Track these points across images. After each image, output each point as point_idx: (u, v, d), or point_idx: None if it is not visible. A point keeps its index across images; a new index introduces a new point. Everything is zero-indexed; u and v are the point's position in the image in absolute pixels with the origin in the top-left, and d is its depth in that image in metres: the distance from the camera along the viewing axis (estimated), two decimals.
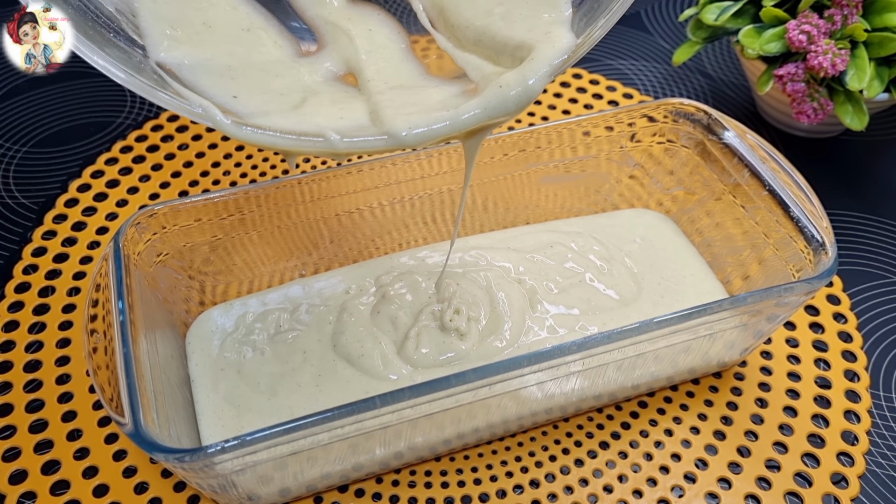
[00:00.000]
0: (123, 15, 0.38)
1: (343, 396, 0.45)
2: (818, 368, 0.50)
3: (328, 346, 0.48)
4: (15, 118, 0.66)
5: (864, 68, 0.53)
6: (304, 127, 0.38)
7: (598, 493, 0.45)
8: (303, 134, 0.37)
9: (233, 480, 0.38)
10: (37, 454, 0.45)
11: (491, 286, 0.51)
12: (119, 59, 0.35)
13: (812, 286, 0.43)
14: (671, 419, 0.48)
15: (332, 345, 0.48)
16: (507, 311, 0.49)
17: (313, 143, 0.37)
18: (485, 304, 0.50)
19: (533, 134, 0.53)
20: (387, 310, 0.49)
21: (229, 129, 0.36)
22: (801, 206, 0.47)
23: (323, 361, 0.47)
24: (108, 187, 0.61)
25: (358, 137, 0.37)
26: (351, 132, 0.38)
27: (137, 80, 0.36)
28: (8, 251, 0.56)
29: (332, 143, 0.37)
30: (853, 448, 0.47)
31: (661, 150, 0.56)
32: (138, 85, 0.36)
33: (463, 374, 0.38)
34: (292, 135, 0.37)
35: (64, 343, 0.51)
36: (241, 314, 0.50)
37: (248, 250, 0.51)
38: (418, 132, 0.36)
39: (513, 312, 0.49)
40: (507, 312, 0.49)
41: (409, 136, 0.36)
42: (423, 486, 0.45)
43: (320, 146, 0.37)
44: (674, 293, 0.52)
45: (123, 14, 0.38)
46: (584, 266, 0.53)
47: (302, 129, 0.37)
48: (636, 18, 0.80)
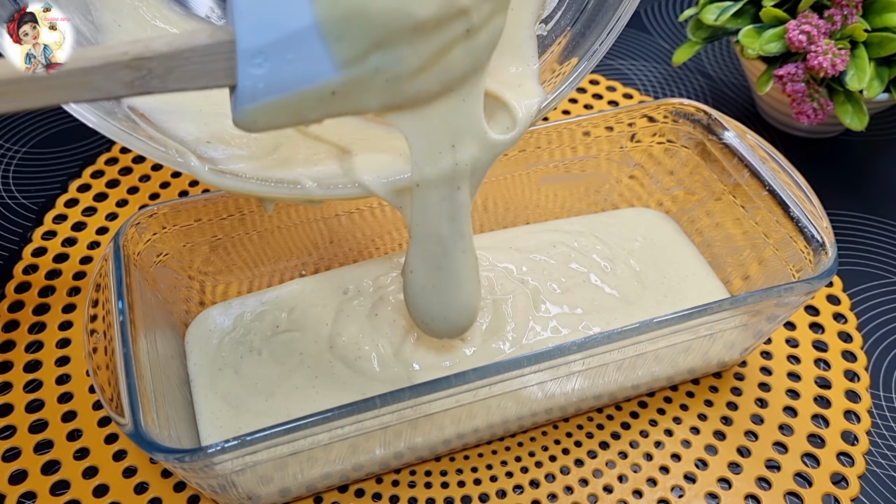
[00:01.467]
0: None
1: (339, 399, 0.45)
2: (818, 368, 0.50)
3: (325, 347, 0.48)
4: (15, 118, 0.66)
5: (864, 68, 0.53)
6: (280, 174, 0.38)
7: (598, 493, 0.45)
8: (279, 181, 0.38)
9: (233, 480, 0.38)
10: (37, 454, 0.45)
11: (494, 287, 0.51)
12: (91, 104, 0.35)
13: (812, 286, 0.43)
14: (671, 419, 0.48)
15: (328, 346, 0.48)
16: (511, 312, 0.49)
17: (289, 190, 0.37)
18: (488, 305, 0.50)
19: (533, 134, 0.53)
20: (384, 311, 0.49)
21: (207, 176, 0.36)
22: (801, 206, 0.47)
23: (319, 363, 0.47)
24: (108, 187, 0.61)
25: (332, 185, 0.38)
26: (325, 179, 0.38)
27: (110, 125, 0.36)
28: (8, 251, 0.56)
29: (308, 190, 0.37)
30: (853, 448, 0.47)
31: (661, 151, 0.56)
32: (111, 130, 0.36)
33: (463, 374, 0.38)
34: (269, 182, 0.37)
35: (64, 343, 0.51)
36: (239, 313, 0.50)
37: (248, 250, 0.51)
38: (385, 182, 0.38)
39: (516, 313, 0.49)
40: (511, 313, 0.49)
41: (377, 184, 0.38)
42: (423, 486, 0.45)
43: (297, 193, 0.37)
44: (676, 293, 0.52)
45: None
46: (587, 266, 0.53)
47: (278, 176, 0.38)
48: (636, 18, 0.80)
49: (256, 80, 0.30)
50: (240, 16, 0.29)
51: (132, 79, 0.29)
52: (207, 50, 0.29)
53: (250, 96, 0.30)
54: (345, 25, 0.30)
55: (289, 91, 0.31)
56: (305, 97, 0.31)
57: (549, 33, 0.44)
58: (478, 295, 0.43)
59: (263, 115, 0.31)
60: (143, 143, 0.37)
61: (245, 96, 0.30)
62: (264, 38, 0.29)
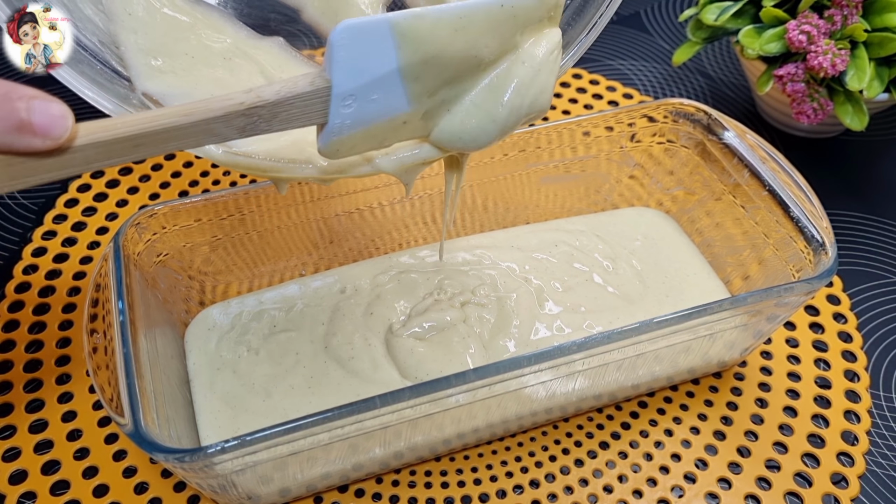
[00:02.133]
0: (107, 47, 0.39)
1: (334, 399, 0.45)
2: (818, 368, 0.50)
3: (320, 347, 0.48)
4: None
5: (864, 68, 0.53)
6: (292, 153, 0.39)
7: (598, 493, 0.45)
8: (291, 161, 0.39)
9: (233, 480, 0.38)
10: (37, 454, 0.45)
11: (498, 285, 0.51)
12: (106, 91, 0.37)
13: (812, 286, 0.43)
14: (671, 419, 0.48)
15: (324, 346, 0.48)
16: (515, 310, 0.49)
17: (302, 168, 0.39)
18: (493, 304, 0.50)
19: (533, 134, 0.53)
20: (381, 311, 0.49)
21: (220, 157, 0.38)
22: (801, 206, 0.47)
23: (315, 363, 0.47)
24: (108, 187, 0.61)
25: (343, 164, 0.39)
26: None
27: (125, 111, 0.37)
28: (8, 251, 0.56)
29: (320, 168, 0.39)
30: (853, 448, 0.47)
31: (661, 150, 0.56)
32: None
33: (463, 374, 0.38)
34: (281, 161, 0.39)
35: (64, 343, 0.51)
36: (237, 313, 0.50)
37: (248, 250, 0.51)
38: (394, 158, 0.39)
39: (520, 311, 0.49)
40: (515, 311, 0.49)
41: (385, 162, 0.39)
42: (423, 486, 0.45)
43: (309, 172, 0.39)
44: (678, 292, 0.52)
45: (107, 46, 0.39)
46: (589, 265, 0.53)
47: (291, 155, 0.39)
48: (636, 18, 0.80)
49: (345, 117, 0.34)
50: (338, 66, 0.32)
51: (245, 124, 0.32)
52: (308, 96, 0.33)
53: (338, 131, 0.34)
54: (423, 68, 0.34)
55: (369, 124, 0.34)
56: (381, 128, 0.35)
57: None
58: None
59: (345, 144, 0.35)
60: None
61: (333, 131, 0.34)
62: (356, 82, 0.33)
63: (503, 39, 0.35)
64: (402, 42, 0.33)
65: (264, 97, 0.32)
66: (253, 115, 0.32)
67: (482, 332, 0.48)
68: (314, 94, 0.33)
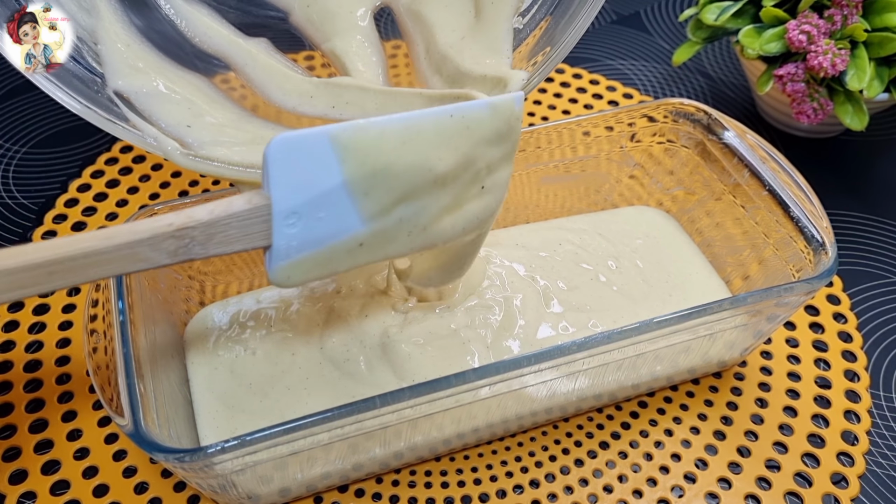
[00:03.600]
0: (85, 43, 0.38)
1: (330, 401, 0.45)
2: (818, 368, 0.50)
3: (316, 348, 0.48)
4: (15, 118, 0.66)
5: (864, 68, 0.53)
6: (252, 158, 0.38)
7: (598, 493, 0.45)
8: (250, 166, 0.38)
9: (233, 480, 0.38)
10: (37, 454, 0.45)
11: (504, 284, 0.51)
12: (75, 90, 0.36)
13: (812, 286, 0.43)
14: (671, 419, 0.48)
15: (319, 347, 0.48)
16: (521, 309, 0.49)
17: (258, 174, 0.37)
18: (499, 302, 0.49)
19: (533, 134, 0.53)
20: (375, 313, 0.49)
21: (179, 159, 0.37)
22: (801, 206, 0.47)
23: (310, 364, 0.47)
24: (108, 187, 0.61)
25: None
26: None
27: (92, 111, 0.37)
28: None
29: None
30: (853, 448, 0.47)
31: (661, 150, 0.56)
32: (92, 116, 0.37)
33: (463, 374, 0.38)
34: (240, 166, 0.38)
35: (64, 343, 0.51)
36: (235, 312, 0.50)
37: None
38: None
39: (526, 311, 0.49)
40: (521, 310, 0.49)
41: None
42: (423, 486, 0.45)
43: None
44: (681, 291, 0.52)
45: (85, 42, 0.38)
46: (593, 264, 0.53)
47: (250, 160, 0.38)
48: (636, 18, 0.80)
49: (290, 238, 0.31)
50: (276, 181, 0.30)
51: (176, 248, 0.30)
52: (246, 215, 0.31)
53: (284, 254, 0.32)
54: (371, 182, 0.32)
55: (320, 246, 0.32)
56: (335, 250, 0.33)
57: (524, 26, 0.44)
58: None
59: (296, 270, 0.33)
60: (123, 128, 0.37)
61: (279, 254, 0.32)
62: (298, 199, 0.31)
63: (460, 153, 0.33)
64: (346, 155, 0.31)
65: (196, 217, 0.30)
66: (184, 238, 0.30)
67: (486, 335, 0.48)
68: (252, 213, 0.31)
